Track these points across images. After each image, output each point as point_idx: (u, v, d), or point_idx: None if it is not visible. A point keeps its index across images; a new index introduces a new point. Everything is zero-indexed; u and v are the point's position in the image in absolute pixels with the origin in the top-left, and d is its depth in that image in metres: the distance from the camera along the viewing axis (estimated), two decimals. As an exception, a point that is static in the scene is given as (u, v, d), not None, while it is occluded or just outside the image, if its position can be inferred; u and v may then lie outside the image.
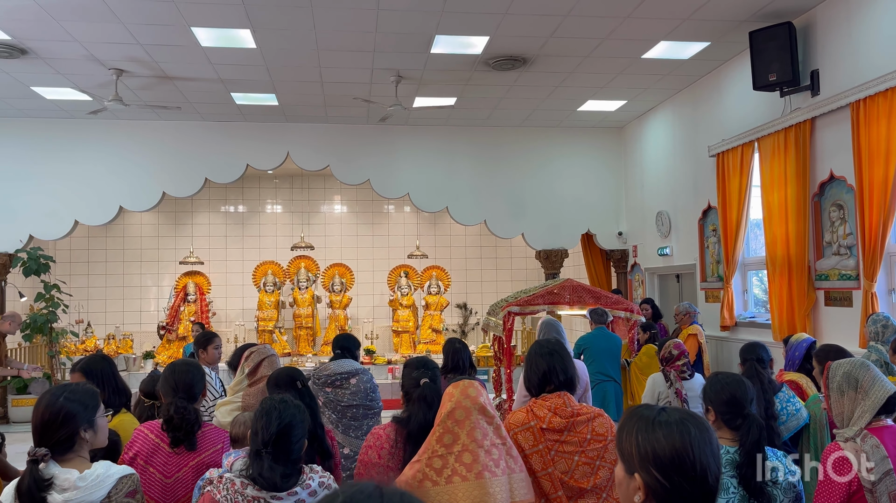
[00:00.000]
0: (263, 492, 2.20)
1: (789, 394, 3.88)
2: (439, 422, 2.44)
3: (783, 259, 6.58)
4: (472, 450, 2.37)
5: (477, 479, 2.33)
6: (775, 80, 6.43)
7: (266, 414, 2.31)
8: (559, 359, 2.86)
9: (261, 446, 2.26)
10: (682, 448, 1.51)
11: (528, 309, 7.19)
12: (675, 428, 1.54)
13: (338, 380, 4.29)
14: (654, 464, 1.52)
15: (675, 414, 1.59)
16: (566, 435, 2.72)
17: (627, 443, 1.58)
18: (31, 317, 9.16)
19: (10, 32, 6.61)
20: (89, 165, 9.68)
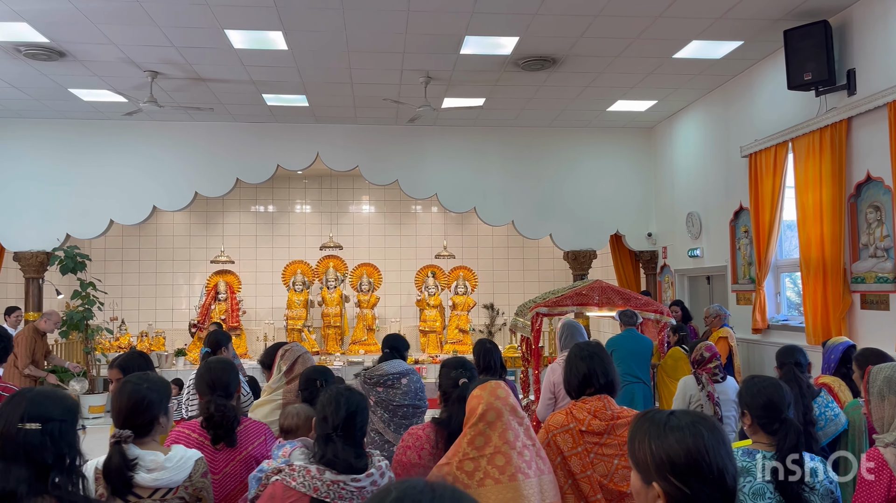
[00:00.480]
0: (342, 475, 2.24)
1: (828, 398, 3.81)
2: (470, 424, 2.40)
3: (818, 261, 6.48)
4: (505, 453, 2.34)
5: (510, 482, 2.30)
6: (811, 80, 6.33)
7: (335, 400, 2.37)
8: (599, 362, 2.86)
9: (331, 430, 2.32)
10: (696, 451, 1.51)
11: (557, 310, 7.17)
12: (687, 431, 1.54)
13: (390, 380, 4.34)
14: (671, 471, 1.51)
15: (686, 417, 1.58)
16: (605, 437, 2.71)
17: (641, 452, 1.58)
18: (67, 314, 9.35)
19: (49, 35, 6.76)
20: (124, 166, 9.87)
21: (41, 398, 2.01)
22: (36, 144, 9.76)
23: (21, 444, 1.91)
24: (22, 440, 1.91)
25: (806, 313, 6.66)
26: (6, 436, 1.92)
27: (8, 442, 1.92)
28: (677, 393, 4.79)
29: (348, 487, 2.23)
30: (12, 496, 1.88)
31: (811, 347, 6.13)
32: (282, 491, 2.25)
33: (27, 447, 1.91)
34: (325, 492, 2.21)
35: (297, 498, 2.22)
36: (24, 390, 2.07)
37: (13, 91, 8.46)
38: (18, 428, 1.92)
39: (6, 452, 1.91)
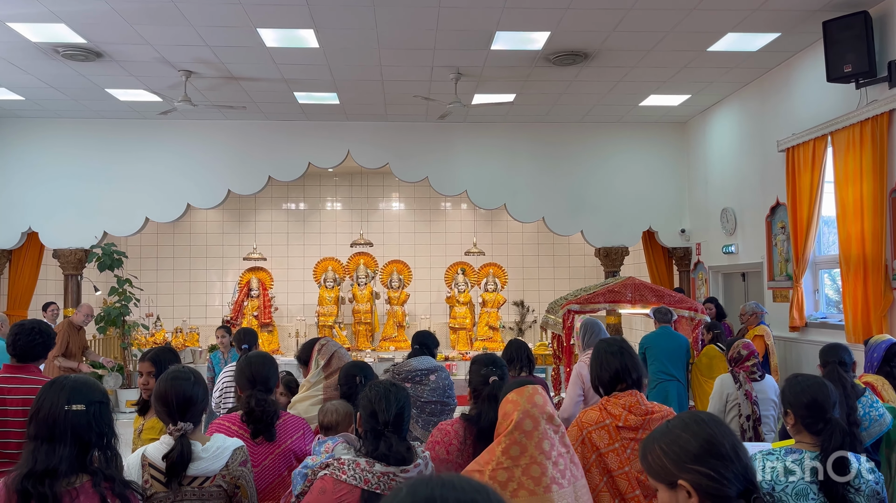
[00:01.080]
0: (391, 467, 2.30)
1: (872, 398, 3.71)
2: (505, 432, 2.34)
3: (858, 257, 6.32)
4: (541, 463, 2.28)
5: (545, 494, 2.25)
6: (850, 72, 6.19)
7: (384, 398, 2.42)
8: (630, 358, 2.85)
9: (382, 427, 2.37)
10: (706, 435, 1.58)
11: (589, 307, 7.12)
12: (694, 426, 1.60)
13: (418, 377, 4.35)
14: (690, 460, 1.55)
15: (685, 416, 1.66)
16: (642, 433, 2.68)
17: (655, 458, 1.62)
18: (105, 310, 9.53)
19: (86, 36, 6.89)
20: (159, 164, 10.03)
21: (80, 383, 2.16)
22: (74, 144, 9.96)
23: (69, 425, 2.06)
24: (70, 421, 2.06)
25: (846, 311, 6.51)
26: (54, 417, 2.06)
27: (55, 423, 2.05)
28: (714, 391, 4.71)
29: (398, 478, 2.29)
30: (53, 473, 2.02)
31: (851, 345, 5.99)
32: (332, 485, 2.29)
33: (74, 427, 2.06)
34: (377, 484, 2.26)
35: (348, 491, 2.27)
36: (61, 377, 2.20)
37: (52, 91, 8.64)
38: (66, 409, 2.07)
39: (53, 433, 2.05)
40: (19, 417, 3.48)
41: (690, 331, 7.07)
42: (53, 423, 2.06)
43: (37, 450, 2.05)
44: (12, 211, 9.81)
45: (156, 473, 2.46)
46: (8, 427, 3.52)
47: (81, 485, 2.06)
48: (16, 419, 3.50)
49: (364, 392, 2.52)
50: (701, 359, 6.68)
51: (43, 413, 2.08)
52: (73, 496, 2.04)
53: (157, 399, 2.57)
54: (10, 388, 3.56)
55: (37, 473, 2.01)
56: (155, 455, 2.49)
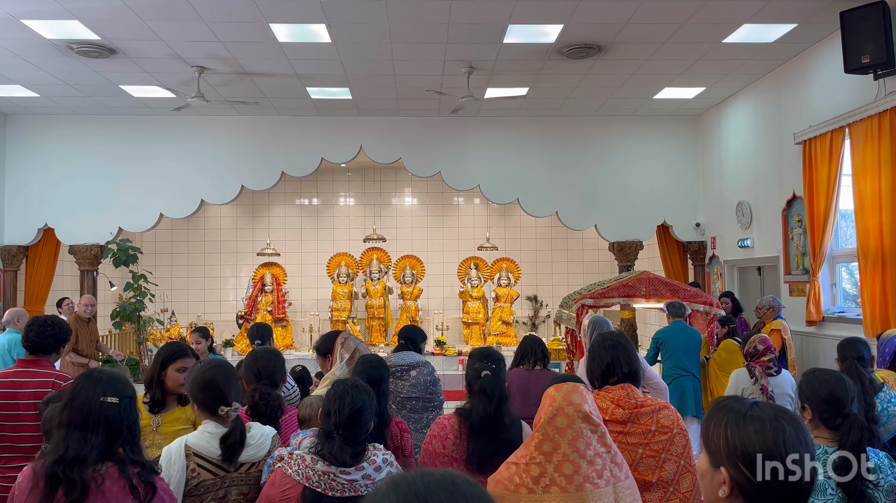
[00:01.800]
0: (332, 466, 2.31)
1: (890, 393, 3.66)
2: (539, 426, 2.32)
3: (876, 251, 6.24)
4: (574, 461, 2.24)
5: (577, 492, 2.22)
6: (868, 63, 6.09)
7: (339, 397, 2.41)
8: (623, 352, 2.83)
9: (332, 428, 2.37)
10: (773, 445, 1.45)
11: (603, 302, 7.09)
12: (769, 424, 1.48)
13: (398, 372, 4.33)
14: (743, 460, 1.47)
15: (769, 409, 1.52)
16: (629, 426, 2.67)
17: (715, 436, 1.53)
18: (120, 305, 9.60)
19: (99, 33, 6.92)
20: (173, 160, 10.07)
21: (115, 377, 2.28)
22: (88, 140, 10.02)
23: (103, 416, 2.16)
24: (104, 412, 2.16)
25: (864, 305, 6.43)
26: (89, 407, 2.16)
27: (90, 412, 2.15)
28: (729, 386, 4.67)
29: (338, 479, 2.29)
30: (83, 460, 2.11)
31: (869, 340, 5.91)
32: (280, 478, 2.34)
33: (107, 418, 2.16)
34: (317, 482, 2.29)
35: (292, 485, 2.31)
36: (96, 370, 2.31)
37: (66, 88, 8.70)
38: (101, 401, 2.17)
39: (87, 422, 2.14)
40: (31, 411, 3.51)
41: (705, 326, 7.02)
42: (88, 413, 2.15)
43: (69, 437, 2.12)
44: (29, 207, 9.90)
45: (202, 462, 2.51)
46: (21, 420, 3.55)
47: (107, 470, 2.14)
48: (28, 412, 3.53)
49: (329, 388, 2.52)
50: (720, 354, 6.64)
51: (78, 402, 2.16)
52: (98, 482, 2.11)
53: (204, 386, 2.61)
54: (23, 382, 3.60)
55: (67, 460, 2.08)
56: (200, 444, 2.54)
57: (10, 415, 3.56)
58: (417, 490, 0.95)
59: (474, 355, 3.15)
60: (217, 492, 2.51)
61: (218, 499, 2.51)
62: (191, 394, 2.70)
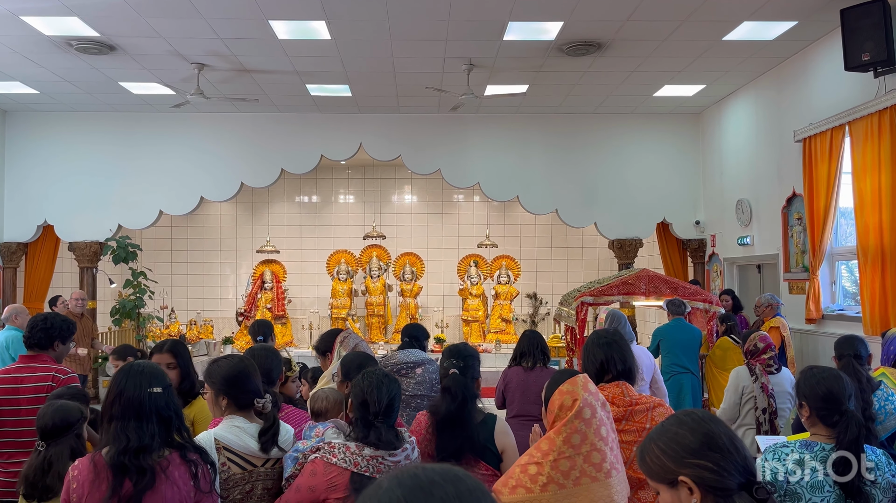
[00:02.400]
0: (379, 450, 2.42)
1: (888, 391, 3.66)
2: (565, 420, 2.30)
3: (876, 249, 6.24)
4: (601, 449, 2.26)
5: (606, 479, 2.24)
6: (869, 60, 6.08)
7: (376, 388, 2.51)
8: (617, 349, 2.84)
9: (373, 417, 2.47)
10: (707, 430, 1.58)
11: (602, 299, 7.08)
12: (690, 422, 1.60)
13: (403, 370, 4.35)
14: (689, 454, 1.55)
15: (680, 414, 1.66)
16: (624, 424, 2.68)
17: (653, 458, 1.61)
18: (120, 302, 9.60)
19: (99, 29, 6.91)
20: (172, 157, 10.07)
21: (154, 369, 2.38)
22: (88, 137, 10.02)
23: (153, 406, 2.26)
24: (153, 403, 2.27)
25: (863, 303, 6.43)
26: (140, 399, 2.26)
27: (142, 404, 2.25)
28: (729, 384, 4.67)
29: (386, 461, 2.40)
30: (147, 448, 2.22)
31: (869, 338, 5.91)
32: (323, 467, 2.39)
33: (157, 407, 2.27)
34: (366, 467, 2.38)
35: (338, 473, 2.37)
36: (135, 365, 2.37)
37: (66, 85, 8.69)
38: (149, 392, 2.27)
39: (141, 413, 2.24)
40: (32, 405, 3.52)
41: (705, 324, 7.02)
42: (140, 405, 2.24)
43: (126, 429, 2.21)
44: (28, 204, 9.89)
45: (231, 456, 2.55)
46: (21, 415, 3.56)
47: (169, 455, 2.26)
48: (28, 407, 3.54)
49: (356, 380, 2.60)
50: (715, 352, 6.64)
51: (127, 395, 2.25)
52: (163, 466, 2.22)
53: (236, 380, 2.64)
54: (24, 377, 3.62)
55: (132, 449, 2.18)
56: (229, 437, 2.56)
57: (10, 411, 3.56)
58: (421, 483, 0.95)
59: (445, 352, 3.19)
60: (244, 486, 2.55)
61: (245, 493, 2.55)
62: (220, 389, 2.65)
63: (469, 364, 3.11)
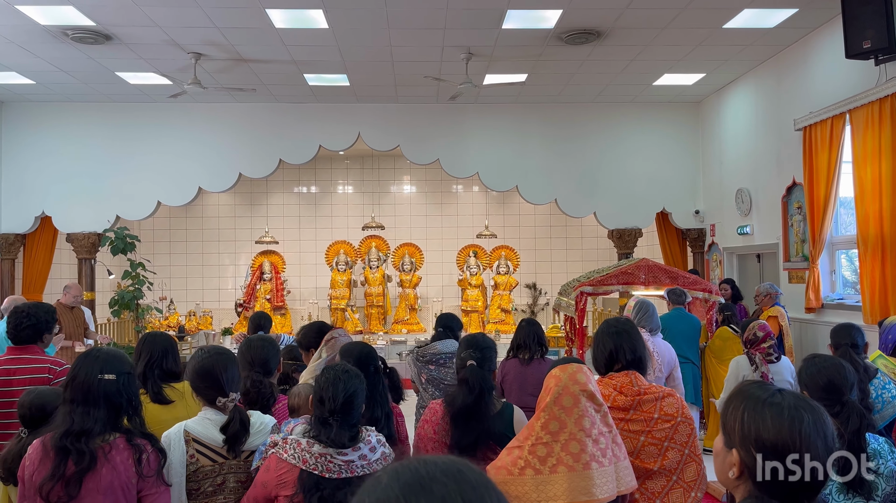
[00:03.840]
0: (329, 448, 2.35)
1: (884, 379, 3.65)
2: (544, 407, 2.32)
3: (876, 238, 6.22)
4: (580, 440, 2.25)
5: (584, 470, 2.23)
6: (870, 48, 6.04)
7: (332, 384, 2.44)
8: (627, 338, 2.79)
9: (328, 414, 2.40)
10: (789, 435, 1.42)
11: (602, 289, 7.07)
12: (787, 412, 1.45)
13: (442, 359, 4.40)
14: (756, 446, 1.45)
15: (790, 398, 1.49)
16: (632, 413, 2.65)
17: (732, 418, 1.52)
18: (118, 293, 9.58)
19: (95, 18, 6.85)
20: (170, 148, 10.02)
21: (111, 356, 2.41)
22: (85, 127, 9.97)
23: (101, 392, 2.31)
24: (102, 388, 2.31)
25: (863, 292, 6.42)
26: (88, 384, 2.31)
27: (90, 390, 2.30)
28: (729, 373, 4.66)
29: (335, 460, 2.33)
30: (89, 432, 2.27)
31: (868, 327, 5.91)
32: (275, 462, 2.37)
33: (106, 394, 2.32)
34: (314, 464, 2.32)
35: (288, 469, 2.34)
36: (94, 350, 2.46)
37: (62, 75, 8.64)
38: (99, 378, 2.32)
39: (88, 398, 2.30)
40: None
41: (704, 313, 7.01)
42: (88, 390, 2.29)
43: (73, 413, 2.27)
44: (25, 195, 9.86)
45: (201, 448, 2.53)
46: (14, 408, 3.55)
47: (114, 440, 2.30)
48: None
49: (318, 375, 2.54)
50: (714, 342, 6.63)
51: (78, 380, 2.31)
52: (105, 450, 2.27)
53: (202, 375, 2.63)
54: (16, 369, 3.61)
55: (74, 432, 2.24)
56: (199, 430, 2.55)
57: (4, 403, 3.55)
58: (420, 478, 0.91)
59: (462, 343, 3.14)
60: (215, 478, 2.53)
61: (216, 485, 2.53)
62: (190, 381, 2.71)
63: (487, 356, 3.05)
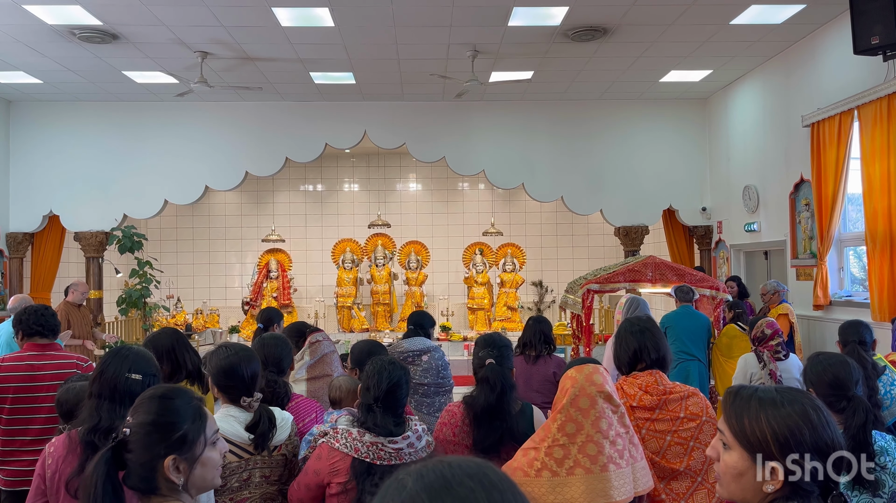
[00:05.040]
0: (380, 437, 2.46)
1: (893, 376, 3.64)
2: (560, 408, 2.30)
3: (885, 234, 6.19)
4: (598, 442, 2.23)
5: (602, 472, 2.21)
6: (878, 44, 6.00)
7: (377, 373, 2.57)
8: (651, 337, 2.78)
9: (372, 401, 2.52)
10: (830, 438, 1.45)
11: (609, 286, 7.05)
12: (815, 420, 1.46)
13: (409, 357, 4.33)
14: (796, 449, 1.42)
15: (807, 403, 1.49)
16: (657, 413, 2.64)
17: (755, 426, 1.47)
18: (126, 292, 9.62)
19: (102, 18, 6.88)
20: (177, 147, 10.05)
21: (140, 356, 2.43)
22: (92, 126, 10.01)
23: (127, 391, 2.30)
24: (129, 388, 2.31)
25: (871, 289, 6.39)
26: (115, 382, 2.32)
27: (116, 387, 2.32)
28: (737, 371, 4.64)
29: (386, 448, 2.44)
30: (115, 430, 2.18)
31: (877, 324, 5.88)
32: (327, 451, 2.48)
33: (131, 393, 2.27)
34: (366, 453, 2.43)
35: (341, 458, 2.45)
36: (124, 348, 2.46)
37: (69, 74, 8.67)
38: (126, 377, 2.33)
39: (115, 395, 2.31)
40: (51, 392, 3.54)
41: (712, 310, 6.99)
42: (115, 387, 2.31)
43: (100, 408, 2.28)
44: (33, 194, 9.91)
45: (228, 444, 2.52)
46: (38, 402, 3.58)
47: None
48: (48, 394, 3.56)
49: (367, 366, 2.67)
50: (721, 339, 6.61)
51: (106, 376, 2.32)
52: None
53: (226, 373, 2.65)
54: (41, 365, 3.64)
55: (101, 429, 2.23)
56: (225, 427, 2.56)
57: (28, 398, 3.57)
58: (445, 480, 0.90)
59: (479, 342, 3.11)
60: (241, 474, 2.57)
61: (242, 481, 2.58)
62: (213, 377, 2.71)
63: (504, 354, 3.01)
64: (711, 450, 1.56)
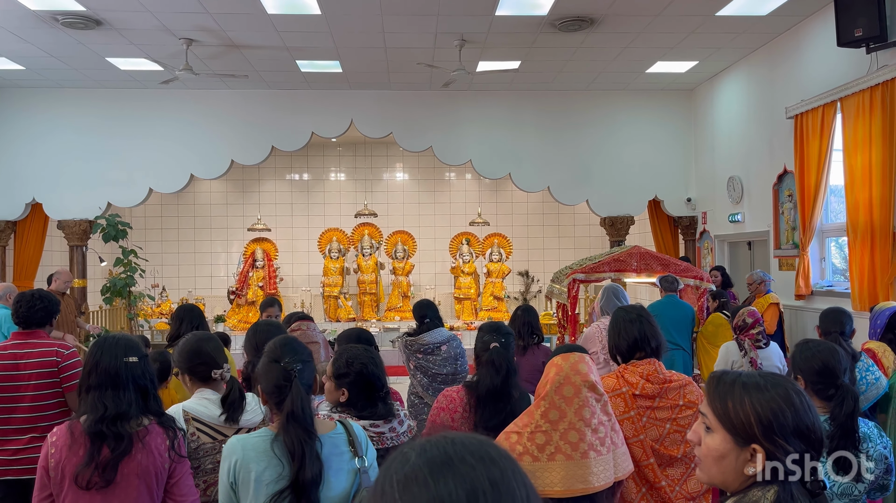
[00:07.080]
0: (363, 421, 2.48)
1: (868, 362, 3.71)
2: (544, 395, 2.32)
3: (866, 225, 6.28)
4: (580, 429, 2.26)
5: (582, 459, 2.24)
6: (861, 36, 6.08)
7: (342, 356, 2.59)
8: (649, 326, 2.81)
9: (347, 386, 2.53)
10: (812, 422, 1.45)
11: (594, 276, 7.10)
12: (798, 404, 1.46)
13: (430, 349, 4.44)
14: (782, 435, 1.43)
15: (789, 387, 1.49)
16: (658, 401, 2.68)
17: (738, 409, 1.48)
18: (110, 281, 9.54)
19: (85, 4, 6.79)
20: (161, 134, 9.97)
21: (129, 340, 2.46)
22: (76, 114, 9.90)
23: (129, 375, 2.34)
24: (130, 371, 2.35)
25: (852, 278, 6.49)
26: (115, 368, 2.34)
27: (118, 374, 2.34)
28: (719, 358, 4.71)
29: (368, 432, 2.44)
30: (124, 416, 2.31)
31: (857, 313, 5.97)
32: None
33: (133, 376, 2.36)
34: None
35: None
36: (109, 336, 2.48)
37: (52, 60, 8.56)
38: (125, 361, 2.35)
39: (117, 382, 2.33)
40: (33, 381, 3.52)
41: (696, 300, 7.06)
42: (116, 374, 2.32)
43: (104, 398, 2.29)
44: (16, 182, 9.79)
45: (201, 426, 2.59)
46: (21, 391, 3.56)
47: (150, 424, 2.35)
48: (30, 383, 3.54)
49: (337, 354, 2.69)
50: (707, 327, 6.68)
51: (103, 366, 2.33)
52: (141, 435, 2.31)
53: (193, 355, 2.71)
54: (24, 353, 3.61)
55: (109, 417, 2.27)
56: (198, 409, 2.61)
57: (11, 387, 3.55)
58: (448, 456, 0.91)
59: (484, 328, 3.13)
60: (215, 455, 2.57)
61: (216, 463, 2.57)
62: (181, 365, 2.76)
63: (508, 342, 3.05)
64: (693, 434, 1.56)
